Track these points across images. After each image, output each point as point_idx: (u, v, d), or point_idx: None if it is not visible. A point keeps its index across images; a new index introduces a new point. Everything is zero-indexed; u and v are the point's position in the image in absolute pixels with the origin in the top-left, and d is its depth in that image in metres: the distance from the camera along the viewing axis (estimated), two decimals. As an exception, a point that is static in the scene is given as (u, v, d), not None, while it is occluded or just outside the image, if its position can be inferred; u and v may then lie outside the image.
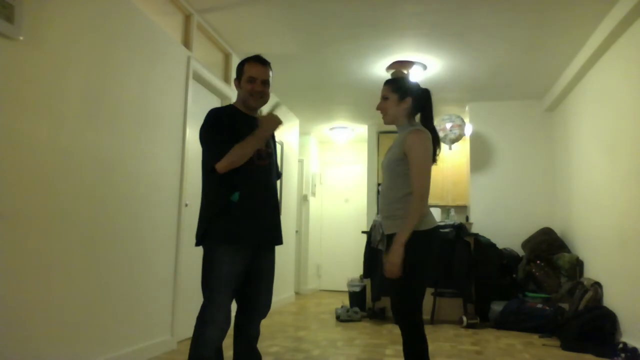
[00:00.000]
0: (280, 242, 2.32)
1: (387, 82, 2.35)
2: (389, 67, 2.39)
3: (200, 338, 2.07)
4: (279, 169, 2.51)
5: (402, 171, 2.19)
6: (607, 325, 3.92)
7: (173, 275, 3.68)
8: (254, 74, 2.23)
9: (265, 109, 2.33)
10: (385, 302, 5.22)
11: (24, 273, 2.33)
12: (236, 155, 2.10)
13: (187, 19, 4.01)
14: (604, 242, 4.31)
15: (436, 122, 6.38)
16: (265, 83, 2.26)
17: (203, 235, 2.16)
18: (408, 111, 2.28)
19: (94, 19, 2.83)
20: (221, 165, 2.10)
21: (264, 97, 2.28)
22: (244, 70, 2.27)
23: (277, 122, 2.21)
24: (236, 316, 2.27)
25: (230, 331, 2.16)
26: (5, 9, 2.19)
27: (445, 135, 6.19)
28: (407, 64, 2.38)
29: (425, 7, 3.87)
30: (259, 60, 2.27)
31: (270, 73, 2.30)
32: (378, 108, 2.33)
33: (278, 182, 2.47)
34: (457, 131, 6.21)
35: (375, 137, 7.70)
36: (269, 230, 2.25)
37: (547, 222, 5.70)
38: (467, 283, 5.09)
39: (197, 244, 2.20)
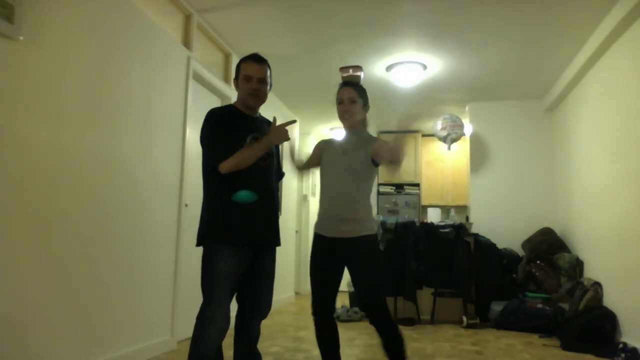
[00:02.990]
0: (278, 243, 2.32)
1: (351, 85, 2.36)
2: (342, 70, 2.41)
3: (200, 338, 2.07)
4: (282, 169, 2.52)
5: (368, 176, 2.28)
6: (607, 325, 3.91)
7: (173, 275, 3.68)
8: (250, 72, 2.23)
9: (279, 121, 2.32)
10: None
11: (24, 273, 2.32)
12: (241, 159, 2.11)
13: (187, 19, 4.01)
14: (604, 242, 4.31)
15: (434, 122, 6.40)
16: (262, 81, 2.25)
17: (203, 236, 2.17)
18: (364, 118, 2.39)
19: (94, 19, 2.83)
20: (225, 166, 2.10)
21: (260, 96, 2.27)
22: (240, 69, 2.27)
23: (285, 136, 2.26)
24: (237, 316, 2.27)
25: (231, 331, 2.16)
26: (5, 9, 2.19)
27: (447, 135, 6.19)
28: (359, 68, 2.42)
29: (425, 6, 3.87)
30: (255, 59, 2.26)
31: (268, 71, 2.29)
32: (347, 110, 2.32)
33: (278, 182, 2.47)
34: (458, 131, 6.22)
35: (375, 137, 7.70)
36: (267, 231, 2.25)
37: (547, 222, 5.70)
38: (467, 283, 5.09)
39: (197, 244, 2.20)
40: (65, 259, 2.58)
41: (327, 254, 2.26)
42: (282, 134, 2.24)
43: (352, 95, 2.32)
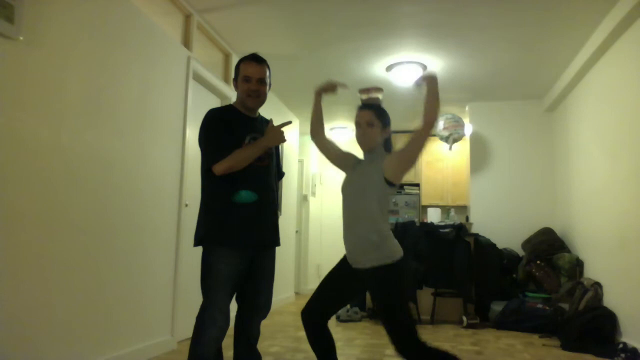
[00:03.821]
0: (277, 243, 2.31)
1: (369, 108, 2.23)
2: (362, 92, 2.32)
3: (200, 338, 2.07)
4: (281, 169, 2.51)
5: (382, 196, 2.11)
6: (607, 325, 3.92)
7: (173, 275, 3.67)
8: (249, 73, 2.23)
9: (276, 123, 2.31)
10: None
11: (24, 273, 2.32)
12: (236, 160, 2.11)
13: (187, 19, 4.01)
14: (604, 242, 4.31)
15: (436, 122, 6.40)
16: (261, 82, 2.24)
17: (202, 237, 2.17)
18: (385, 140, 2.24)
19: (93, 19, 2.83)
20: (219, 168, 2.10)
21: (260, 97, 2.26)
22: (239, 69, 2.26)
23: (281, 138, 2.24)
24: (236, 316, 2.27)
25: (231, 331, 2.16)
26: (5, 9, 2.19)
27: (450, 135, 6.19)
28: (379, 90, 2.32)
29: (425, 6, 3.87)
30: (254, 59, 2.25)
31: (267, 72, 2.28)
32: (365, 134, 2.18)
33: (278, 182, 2.47)
34: (460, 131, 6.22)
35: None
36: (267, 232, 2.25)
37: (547, 222, 5.70)
38: (467, 283, 5.09)
39: (195, 245, 2.20)
40: (65, 258, 2.58)
41: (347, 276, 2.18)
42: (278, 135, 2.23)
43: (369, 119, 2.18)
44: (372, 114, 2.20)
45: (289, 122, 2.39)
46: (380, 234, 2.09)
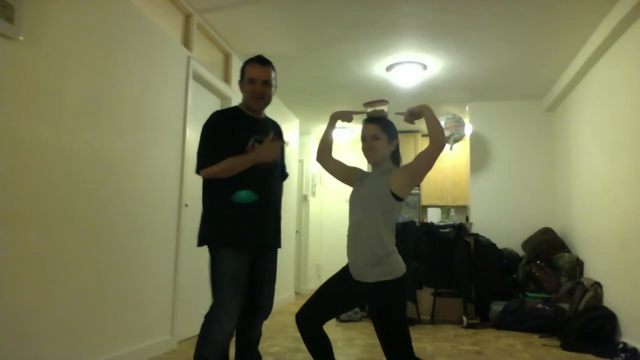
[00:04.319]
0: (278, 245, 2.31)
1: (375, 121, 2.21)
2: (366, 105, 2.32)
3: (206, 339, 2.08)
4: (285, 170, 2.51)
5: (388, 210, 2.09)
6: (607, 325, 3.92)
7: (173, 275, 3.67)
8: (254, 74, 2.23)
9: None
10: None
11: (24, 273, 2.32)
12: (222, 169, 2.12)
13: (187, 19, 4.01)
14: (604, 242, 4.31)
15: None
16: (266, 83, 2.25)
17: (208, 237, 2.17)
18: (393, 152, 2.23)
19: (93, 19, 2.83)
20: (206, 172, 2.13)
21: (264, 98, 2.27)
22: (245, 71, 2.27)
23: (275, 154, 2.25)
24: (238, 317, 2.27)
25: (231, 331, 2.16)
26: (5, 9, 2.19)
27: (451, 135, 6.19)
28: (384, 102, 2.31)
29: (425, 6, 3.87)
30: (259, 61, 2.26)
31: (273, 73, 2.28)
32: (370, 147, 2.17)
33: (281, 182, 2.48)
34: (461, 131, 6.22)
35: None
36: (267, 233, 2.25)
37: (547, 222, 5.70)
38: (467, 283, 5.09)
39: (198, 245, 2.20)
40: (65, 258, 2.58)
41: (347, 286, 2.16)
42: (271, 152, 2.23)
43: (374, 132, 2.17)
44: (378, 127, 2.18)
45: (286, 143, 2.42)
46: (385, 248, 2.06)
